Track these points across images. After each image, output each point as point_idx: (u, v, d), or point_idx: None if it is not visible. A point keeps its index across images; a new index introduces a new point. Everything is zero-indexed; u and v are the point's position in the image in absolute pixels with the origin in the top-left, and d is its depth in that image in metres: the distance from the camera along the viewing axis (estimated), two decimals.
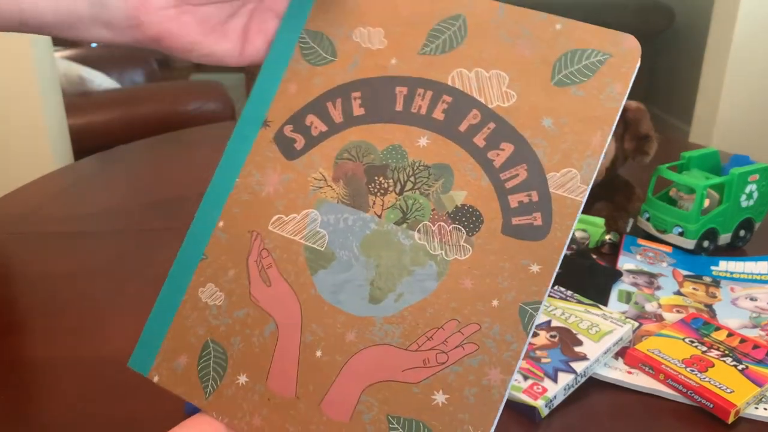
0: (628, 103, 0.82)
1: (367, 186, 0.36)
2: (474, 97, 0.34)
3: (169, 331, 0.39)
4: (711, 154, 0.86)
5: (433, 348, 0.32)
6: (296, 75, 0.39)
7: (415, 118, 0.36)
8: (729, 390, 0.56)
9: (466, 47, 0.35)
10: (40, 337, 0.65)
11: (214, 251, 0.39)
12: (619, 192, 0.86)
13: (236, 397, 0.36)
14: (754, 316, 0.69)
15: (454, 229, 0.33)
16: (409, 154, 0.35)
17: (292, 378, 0.35)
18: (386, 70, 0.37)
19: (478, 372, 0.31)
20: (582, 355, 0.59)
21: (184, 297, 0.39)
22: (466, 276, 0.32)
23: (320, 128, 0.38)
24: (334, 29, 0.39)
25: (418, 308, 0.33)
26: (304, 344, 0.35)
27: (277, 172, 0.38)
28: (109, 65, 2.48)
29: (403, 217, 0.35)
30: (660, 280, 0.75)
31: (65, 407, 0.56)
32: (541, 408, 0.55)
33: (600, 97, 0.32)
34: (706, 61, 2.25)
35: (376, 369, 0.33)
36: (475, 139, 0.34)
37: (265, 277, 0.37)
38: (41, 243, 0.84)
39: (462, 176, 0.34)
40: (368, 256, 0.35)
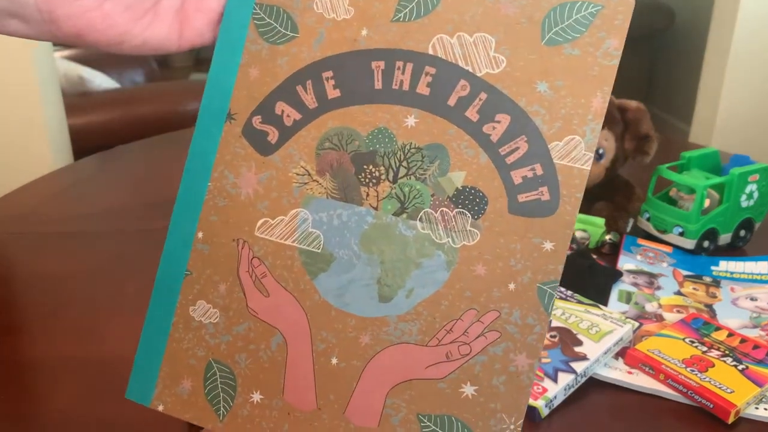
0: (628, 103, 0.82)
1: (356, 176, 0.33)
2: (459, 65, 0.31)
3: (165, 356, 0.37)
4: (711, 154, 0.86)
5: (455, 341, 0.31)
6: (255, 57, 0.34)
7: (398, 96, 0.32)
8: (729, 390, 0.56)
9: (443, 10, 0.31)
10: (39, 337, 0.65)
11: (198, 266, 0.35)
12: (620, 192, 0.86)
13: (253, 416, 0.34)
14: (754, 316, 0.69)
15: (458, 213, 0.31)
16: (397, 137, 0.32)
17: (310, 389, 0.33)
18: (357, 44, 0.32)
19: (503, 359, 0.30)
20: (582, 355, 0.59)
21: (173, 318, 0.36)
22: (477, 262, 0.31)
23: (293, 116, 0.34)
24: (291, 0, 0.34)
25: (432, 302, 0.31)
26: (317, 353, 0.33)
27: (253, 170, 0.34)
28: (108, 65, 2.48)
29: (402, 206, 0.32)
30: (660, 280, 0.75)
31: (65, 407, 0.56)
32: (541, 408, 0.55)
33: (596, 54, 0.29)
34: (707, 61, 2.25)
35: (398, 369, 0.31)
36: (468, 113, 0.31)
37: (261, 288, 0.34)
38: (41, 243, 0.84)
39: (458, 155, 0.31)
40: (370, 253, 0.32)
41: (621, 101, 0.83)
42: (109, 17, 0.34)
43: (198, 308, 0.36)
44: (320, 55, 0.33)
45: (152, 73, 2.64)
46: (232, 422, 0.34)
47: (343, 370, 0.32)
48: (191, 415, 0.36)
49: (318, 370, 0.33)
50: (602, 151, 0.81)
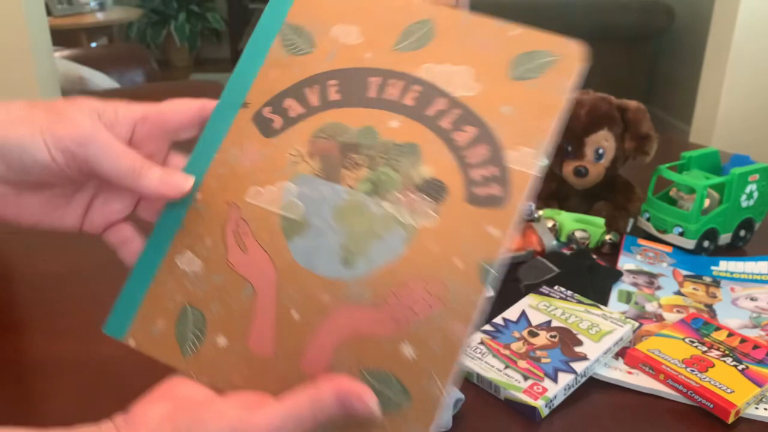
0: (628, 103, 0.82)
1: (340, 161, 0.38)
2: (441, 87, 0.38)
3: (145, 297, 0.40)
4: (711, 154, 0.86)
5: (402, 306, 0.35)
6: (276, 63, 0.42)
7: (387, 104, 0.39)
8: (729, 390, 0.56)
9: (434, 46, 0.39)
10: (40, 336, 0.65)
11: (192, 222, 0.40)
12: (620, 192, 0.86)
13: (216, 358, 0.38)
14: (754, 316, 0.69)
15: (422, 199, 0.36)
16: (381, 135, 0.38)
17: (270, 338, 0.37)
18: (362, 62, 0.40)
19: (443, 326, 0.34)
20: (582, 355, 0.59)
21: (160, 264, 0.40)
22: (432, 240, 0.36)
23: (297, 110, 0.40)
24: (314, 25, 0.42)
25: (387, 270, 0.36)
26: (281, 306, 0.37)
27: (255, 148, 0.40)
28: (108, 65, 2.48)
29: (374, 188, 0.37)
30: (660, 280, 0.75)
31: (65, 407, 0.56)
32: (541, 408, 0.55)
33: (551, 90, 0.37)
34: (707, 61, 2.25)
35: (350, 327, 0.36)
36: (442, 123, 0.37)
37: (241, 244, 0.39)
38: (41, 243, 0.84)
39: (429, 154, 0.37)
40: (341, 224, 0.37)
41: (621, 101, 0.83)
42: (27, 209, 0.39)
43: (184, 257, 0.40)
44: (329, 68, 0.40)
45: (152, 73, 2.64)
46: (196, 362, 0.38)
47: (302, 323, 0.37)
48: (158, 352, 0.40)
49: (279, 321, 0.37)
50: (602, 151, 0.81)
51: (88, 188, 0.42)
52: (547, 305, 0.66)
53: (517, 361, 0.59)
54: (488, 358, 0.60)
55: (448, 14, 0.40)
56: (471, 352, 0.61)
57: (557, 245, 0.79)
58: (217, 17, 4.98)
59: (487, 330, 0.63)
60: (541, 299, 0.67)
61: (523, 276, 0.73)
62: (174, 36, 4.84)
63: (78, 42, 3.70)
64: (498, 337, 0.62)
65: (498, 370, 0.58)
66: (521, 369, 0.58)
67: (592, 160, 0.82)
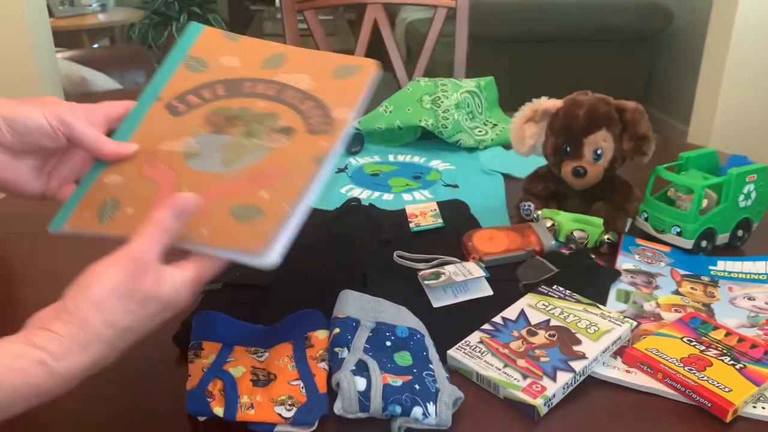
0: (626, 104, 0.82)
1: (225, 125, 0.60)
2: (291, 85, 0.61)
3: (78, 203, 0.59)
4: (709, 155, 0.86)
5: (262, 177, 0.55)
6: (181, 76, 0.64)
7: (257, 95, 0.61)
8: (727, 389, 0.56)
9: (286, 66, 0.63)
10: None
11: (116, 163, 0.59)
12: (618, 192, 0.86)
13: (125, 221, 0.56)
14: (752, 315, 0.69)
15: (278, 134, 0.58)
16: (253, 110, 0.60)
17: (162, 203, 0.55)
18: (239, 75, 0.63)
19: (288, 181, 0.55)
20: (581, 354, 0.59)
21: (91, 184, 0.59)
22: (284, 151, 0.57)
23: (196, 101, 0.62)
24: (208, 56, 0.65)
25: (253, 166, 0.57)
26: (177, 188, 0.56)
27: (166, 123, 0.61)
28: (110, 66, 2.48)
29: (248, 134, 0.59)
30: (658, 279, 0.75)
31: (65, 407, 0.56)
32: (540, 407, 0.55)
33: (356, 82, 0.60)
34: (705, 62, 2.25)
35: (224, 190, 0.55)
36: (292, 101, 0.60)
37: (153, 164, 0.58)
38: (41, 243, 0.84)
39: (284, 116, 0.59)
40: (224, 150, 0.58)
41: (619, 102, 0.83)
42: (20, 174, 0.58)
43: (109, 177, 0.59)
44: (217, 78, 0.63)
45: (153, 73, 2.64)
46: (110, 225, 0.56)
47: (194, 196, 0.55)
48: (83, 228, 0.57)
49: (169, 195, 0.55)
50: (600, 151, 0.82)
51: (54, 158, 0.60)
52: (546, 304, 0.67)
53: (516, 360, 0.59)
54: (487, 357, 0.60)
55: (296, 50, 0.65)
56: (470, 350, 0.61)
57: (556, 245, 0.80)
58: (218, 19, 4.99)
59: (487, 329, 0.64)
60: (540, 298, 0.68)
61: (522, 275, 0.74)
62: (176, 37, 4.83)
63: (80, 43, 3.70)
64: (497, 336, 0.63)
65: (497, 369, 0.58)
66: (520, 368, 0.58)
67: (590, 161, 0.82)
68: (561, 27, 2.99)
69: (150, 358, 0.62)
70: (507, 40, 3.03)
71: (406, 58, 3.73)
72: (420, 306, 0.67)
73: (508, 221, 0.89)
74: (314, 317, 0.63)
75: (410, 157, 1.12)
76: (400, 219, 0.86)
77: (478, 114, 1.21)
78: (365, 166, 1.09)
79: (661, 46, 3.39)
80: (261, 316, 0.65)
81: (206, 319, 0.62)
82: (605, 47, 3.09)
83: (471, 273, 0.71)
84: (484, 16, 2.96)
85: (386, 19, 1.58)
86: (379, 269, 0.74)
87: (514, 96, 1.10)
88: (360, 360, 0.56)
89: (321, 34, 1.56)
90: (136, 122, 0.61)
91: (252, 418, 0.53)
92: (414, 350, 0.59)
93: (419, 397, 0.53)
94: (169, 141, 0.59)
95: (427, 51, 1.60)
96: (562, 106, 0.84)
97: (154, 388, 0.59)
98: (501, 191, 0.99)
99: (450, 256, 0.77)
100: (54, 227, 0.59)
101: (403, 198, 0.97)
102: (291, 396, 0.54)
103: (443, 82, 1.21)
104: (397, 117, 1.15)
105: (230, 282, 0.70)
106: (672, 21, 3.04)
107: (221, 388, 0.54)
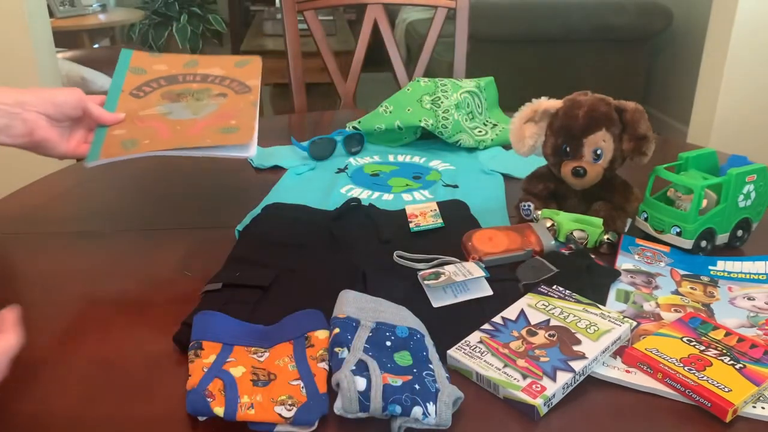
0: (626, 104, 0.82)
1: (177, 98, 0.90)
2: (209, 73, 0.94)
3: (102, 145, 0.83)
4: (708, 155, 0.86)
5: (223, 115, 0.86)
6: (130, 79, 0.93)
7: (189, 81, 0.93)
8: (727, 389, 0.56)
9: (201, 65, 0.96)
10: (41, 336, 0.65)
11: (117, 125, 0.86)
12: (618, 192, 0.86)
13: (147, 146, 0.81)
14: (751, 315, 0.69)
15: (217, 98, 0.90)
16: (192, 88, 0.92)
17: (167, 133, 0.84)
18: (170, 73, 0.95)
19: (246, 115, 0.86)
20: (580, 354, 0.59)
21: (105, 136, 0.84)
22: (228, 103, 0.89)
23: (150, 89, 0.92)
24: (144, 65, 0.96)
25: (213, 113, 0.87)
26: (170, 125, 0.85)
27: (134, 102, 0.89)
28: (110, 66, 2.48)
29: (197, 100, 0.89)
30: (658, 279, 0.75)
31: (66, 407, 0.57)
32: (539, 406, 0.55)
33: (252, 67, 0.97)
34: (704, 63, 2.25)
35: (209, 124, 0.85)
36: (215, 81, 0.93)
37: (142, 120, 0.86)
38: (42, 243, 0.84)
39: (215, 90, 0.92)
40: (186, 109, 0.88)
41: (619, 102, 0.83)
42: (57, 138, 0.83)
43: (116, 131, 0.84)
44: (156, 76, 0.94)
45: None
46: (134, 149, 0.80)
47: (181, 128, 0.84)
48: (112, 155, 0.81)
49: (171, 130, 0.84)
50: (600, 151, 0.82)
51: (74, 126, 0.86)
52: (546, 304, 0.67)
53: (516, 359, 0.59)
54: (487, 357, 0.60)
55: (204, 56, 0.97)
56: (470, 350, 0.61)
57: (556, 245, 0.80)
58: (219, 19, 4.99)
59: (486, 329, 0.64)
60: (539, 298, 0.68)
61: (522, 275, 0.74)
62: (176, 37, 4.84)
63: (80, 43, 3.70)
64: (497, 336, 0.63)
65: (497, 369, 0.59)
66: (520, 368, 0.58)
67: (590, 161, 0.82)
68: (561, 27, 2.99)
69: (150, 358, 0.62)
70: (507, 40, 3.03)
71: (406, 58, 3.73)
72: (420, 306, 0.67)
73: (508, 221, 0.89)
74: (314, 317, 0.63)
75: (410, 157, 1.12)
76: (400, 219, 0.86)
77: (478, 114, 1.21)
78: (365, 166, 1.09)
79: (661, 46, 3.40)
80: (261, 316, 0.65)
81: (206, 319, 0.62)
82: (605, 47, 3.09)
83: (471, 273, 0.71)
84: (484, 16, 2.96)
85: (386, 19, 1.58)
86: (379, 269, 0.74)
87: (514, 96, 1.10)
88: (360, 360, 0.56)
89: (321, 34, 1.56)
90: (114, 106, 0.88)
91: (252, 418, 0.53)
92: (414, 350, 0.59)
93: (419, 397, 0.53)
94: (143, 110, 0.88)
95: (427, 51, 1.60)
96: (561, 107, 0.84)
97: (154, 388, 0.59)
98: (501, 191, 0.99)
99: (450, 256, 0.77)
100: (90, 160, 0.81)
101: (403, 198, 0.97)
102: (291, 396, 0.55)
103: (443, 82, 1.21)
104: (397, 117, 1.15)
105: (230, 282, 0.70)
106: (672, 21, 3.04)
107: (221, 388, 0.54)
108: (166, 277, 0.77)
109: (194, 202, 0.97)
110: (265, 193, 0.97)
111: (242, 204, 0.92)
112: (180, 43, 4.84)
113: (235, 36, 5.02)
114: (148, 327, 0.67)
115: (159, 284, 0.75)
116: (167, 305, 0.70)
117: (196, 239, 0.85)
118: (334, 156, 1.12)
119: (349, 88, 1.58)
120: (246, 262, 0.76)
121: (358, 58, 1.58)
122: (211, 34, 5.04)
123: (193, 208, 0.95)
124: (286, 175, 1.04)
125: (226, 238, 0.83)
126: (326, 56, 1.57)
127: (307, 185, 1.01)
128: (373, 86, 3.51)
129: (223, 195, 0.99)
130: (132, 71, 0.94)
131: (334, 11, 4.21)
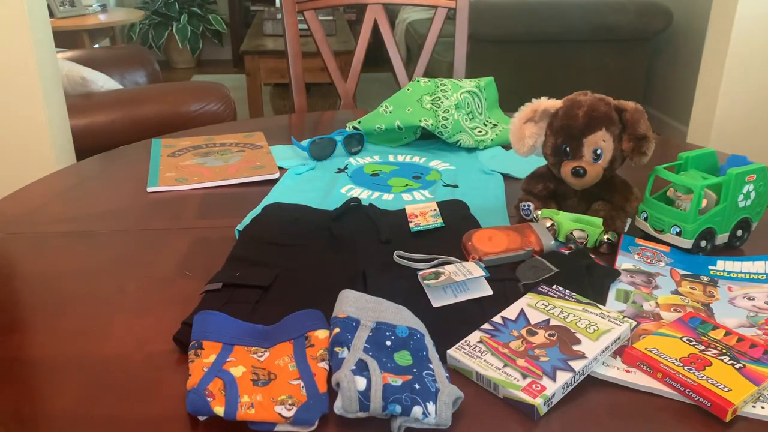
0: (626, 104, 0.83)
1: (207, 154, 1.10)
2: (226, 141, 1.17)
3: (159, 172, 1.02)
4: (708, 155, 0.87)
5: (249, 160, 1.06)
6: (164, 150, 1.11)
7: (210, 147, 1.14)
8: (726, 389, 0.56)
9: (216, 139, 1.17)
10: (41, 336, 0.65)
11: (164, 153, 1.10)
12: (617, 192, 0.86)
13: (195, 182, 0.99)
14: (751, 315, 0.69)
15: (240, 152, 1.09)
16: (216, 148, 1.14)
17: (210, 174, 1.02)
18: (194, 144, 1.15)
19: (265, 158, 1.09)
20: (580, 353, 0.59)
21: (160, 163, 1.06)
22: (250, 153, 1.09)
23: (183, 152, 1.11)
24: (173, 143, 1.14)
25: (238, 161, 1.06)
26: (212, 173, 1.02)
27: (175, 159, 1.08)
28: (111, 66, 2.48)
29: (222, 154, 1.11)
30: (658, 279, 0.75)
31: (67, 406, 0.57)
32: (539, 406, 0.55)
33: (259, 138, 1.20)
34: (704, 63, 2.25)
35: (240, 166, 1.05)
36: (237, 146, 1.13)
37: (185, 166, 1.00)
38: (42, 243, 0.84)
39: (234, 147, 1.14)
40: (217, 159, 1.08)
41: (619, 102, 0.83)
42: None
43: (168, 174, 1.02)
44: (184, 146, 1.15)
45: (154, 74, 2.65)
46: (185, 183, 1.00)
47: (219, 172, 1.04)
48: (168, 185, 0.98)
49: (211, 172, 1.01)
50: (600, 151, 0.82)
51: None
52: (546, 304, 0.67)
53: (516, 359, 0.59)
54: (487, 357, 0.60)
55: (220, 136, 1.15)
56: (470, 350, 0.61)
57: (555, 245, 0.80)
58: (219, 19, 4.99)
59: (486, 329, 0.64)
60: (539, 298, 0.68)
61: (522, 275, 0.74)
62: (176, 37, 4.84)
63: (80, 43, 3.70)
64: (497, 335, 0.63)
65: (497, 369, 0.59)
66: (520, 367, 0.58)
67: (590, 161, 0.83)
68: (561, 27, 2.99)
69: (150, 358, 0.62)
70: (507, 40, 3.03)
71: (406, 58, 3.73)
72: (420, 306, 0.67)
73: (508, 221, 0.89)
74: (314, 317, 0.63)
75: (410, 157, 1.13)
76: (400, 219, 0.86)
77: (478, 114, 1.21)
78: (365, 166, 1.09)
79: (661, 46, 3.39)
80: (261, 315, 0.65)
81: (206, 318, 0.62)
82: (605, 47, 3.09)
83: (471, 273, 0.71)
84: (484, 16, 2.96)
85: (386, 19, 1.58)
86: (379, 269, 0.74)
87: (514, 96, 1.10)
88: (360, 359, 0.56)
89: (321, 34, 1.56)
90: (156, 178, 1.02)
91: (252, 418, 0.53)
92: (414, 350, 0.60)
93: (419, 397, 0.53)
94: (183, 162, 1.07)
95: (427, 51, 1.60)
96: (561, 106, 0.84)
97: (154, 388, 0.59)
98: (501, 191, 0.99)
99: (450, 256, 0.77)
100: (151, 186, 0.99)
101: (403, 198, 0.97)
102: (291, 395, 0.55)
103: (443, 82, 1.21)
104: (397, 117, 1.15)
105: (230, 282, 0.70)
106: (672, 21, 3.04)
107: (221, 388, 0.55)
108: (166, 277, 0.77)
109: (194, 202, 0.97)
110: (265, 193, 0.97)
111: (242, 204, 0.92)
112: (180, 43, 4.84)
113: (235, 36, 5.02)
114: (148, 327, 0.67)
115: (159, 284, 0.75)
116: (167, 305, 0.70)
117: (196, 239, 0.85)
118: (334, 156, 1.12)
119: (349, 88, 1.58)
120: (246, 262, 0.76)
121: (358, 58, 1.58)
122: (211, 34, 5.04)
123: (194, 207, 0.95)
124: (286, 175, 1.04)
125: (226, 238, 0.83)
126: (326, 56, 1.57)
127: (307, 185, 1.01)
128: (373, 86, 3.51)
129: (223, 195, 1.00)
130: (164, 146, 1.15)
131: (334, 11, 4.21)
